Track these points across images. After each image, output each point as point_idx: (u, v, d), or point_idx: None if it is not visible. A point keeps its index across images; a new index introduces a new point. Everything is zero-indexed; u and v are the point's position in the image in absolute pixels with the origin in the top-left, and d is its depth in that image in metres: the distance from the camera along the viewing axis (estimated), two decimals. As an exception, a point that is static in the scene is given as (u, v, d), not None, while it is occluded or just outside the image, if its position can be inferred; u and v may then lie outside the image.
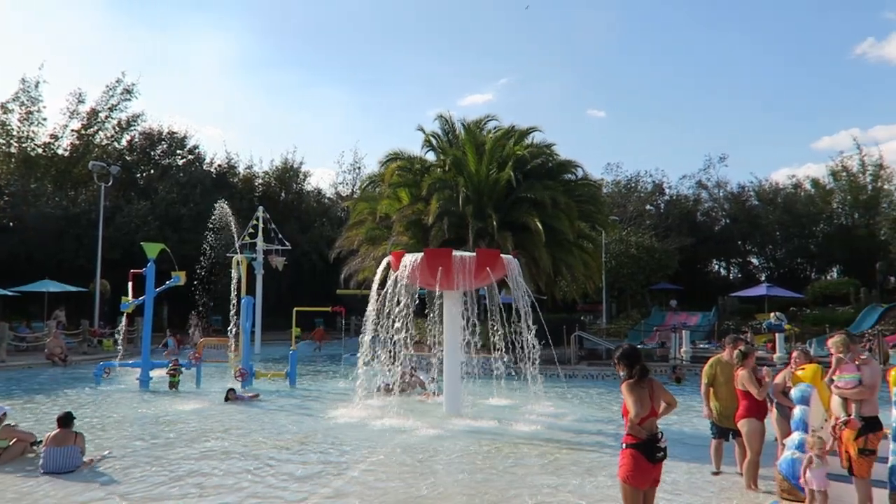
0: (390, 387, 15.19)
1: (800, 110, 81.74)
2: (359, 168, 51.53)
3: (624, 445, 5.37)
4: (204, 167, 44.32)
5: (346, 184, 52.12)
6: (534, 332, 13.16)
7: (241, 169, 46.97)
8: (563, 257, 24.57)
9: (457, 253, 13.12)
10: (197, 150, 44.69)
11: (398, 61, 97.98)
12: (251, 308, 17.94)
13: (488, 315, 14.93)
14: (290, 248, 33.01)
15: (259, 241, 30.38)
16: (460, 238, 22.88)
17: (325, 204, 50.32)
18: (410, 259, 12.85)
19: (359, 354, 13.82)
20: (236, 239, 23.00)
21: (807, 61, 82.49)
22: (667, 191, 53.22)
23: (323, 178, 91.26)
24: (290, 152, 51.01)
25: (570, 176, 27.11)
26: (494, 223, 22.77)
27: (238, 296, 18.72)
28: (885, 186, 46.82)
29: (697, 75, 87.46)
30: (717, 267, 56.23)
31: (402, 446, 10.23)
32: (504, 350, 14.89)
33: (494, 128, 27.18)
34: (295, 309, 22.11)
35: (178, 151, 43.83)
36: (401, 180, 25.59)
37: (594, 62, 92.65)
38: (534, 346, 13.14)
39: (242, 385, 16.73)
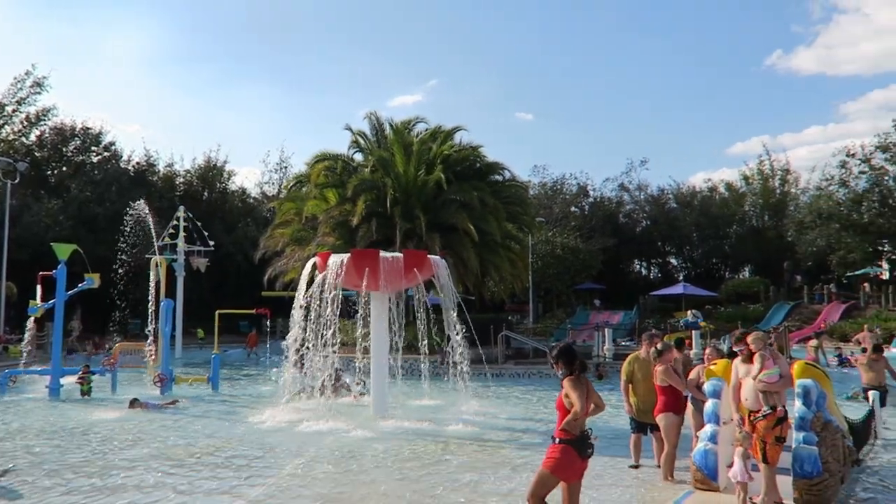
0: (316, 389, 14.97)
1: (715, 117, 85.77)
2: (285, 168, 50.66)
3: (556, 440, 5.43)
4: (121, 165, 42.53)
5: (273, 183, 51.11)
6: (461, 332, 13.25)
7: (161, 167, 45.34)
8: (490, 258, 24.85)
9: (384, 254, 13.07)
10: (113, 147, 42.86)
11: (327, 60, 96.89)
12: (171, 311, 17.32)
13: (416, 316, 14.93)
14: (213, 248, 32.07)
15: (180, 241, 29.36)
16: (388, 239, 22.80)
17: (250, 204, 49.15)
18: (337, 260, 12.70)
19: (284, 357, 13.56)
20: (155, 240, 22.14)
21: (722, 71, 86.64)
22: (591, 193, 54.79)
23: (248, 177, 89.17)
24: (213, 150, 49.57)
25: (497, 177, 27.47)
26: (423, 224, 22.81)
27: (157, 299, 18.03)
28: (792, 191, 49.72)
29: (621, 81, 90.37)
30: (638, 267, 58.23)
31: (329, 449, 10.09)
32: (432, 350, 14.93)
33: (424, 129, 27.26)
34: (217, 312, 21.46)
35: (93, 148, 41.87)
36: (328, 181, 25.32)
37: (523, 65, 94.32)
38: (461, 347, 13.23)
39: (162, 391, 16.13)
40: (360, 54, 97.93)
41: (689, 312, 30.31)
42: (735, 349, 7.45)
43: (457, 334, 13.20)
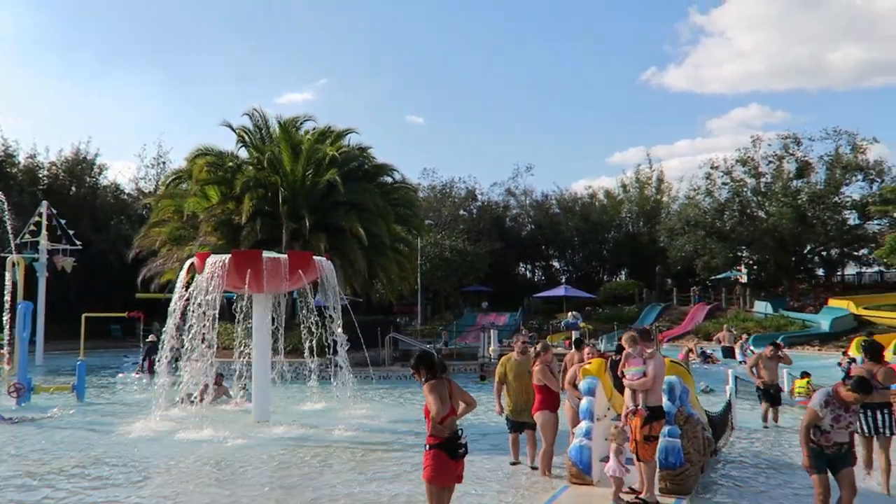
0: (194, 396, 14.30)
1: (596, 128, 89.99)
2: (163, 163, 47.99)
3: (427, 447, 5.45)
4: (-26, 154, 38.81)
5: (149, 179, 48.29)
6: (346, 334, 13.10)
7: (21, 158, 41.69)
8: (378, 260, 24.76)
9: (267, 254, 12.70)
10: (-36, 135, 39.02)
11: (211, 54, 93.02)
12: (29, 315, 15.97)
13: (301, 318, 14.63)
14: (80, 247, 29.88)
15: (42, 239, 27.15)
16: (274, 239, 22.21)
17: (124, 200, 46.22)
18: (216, 260, 12.20)
19: (159, 362, 12.87)
20: (12, 237, 20.35)
21: (602, 84, 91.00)
22: (479, 197, 55.76)
23: (122, 172, 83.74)
24: (83, 142, 45.97)
25: (387, 179, 27.42)
26: (308, 224, 22.38)
27: (13, 301, 16.57)
28: (664, 199, 52.95)
29: (509, 90, 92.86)
30: (523, 269, 59.86)
31: (205, 458, 9.67)
32: (317, 353, 14.68)
33: (312, 128, 26.75)
34: (84, 315, 20.00)
35: (-61, 136, 37.95)
36: (210, 177, 24.27)
37: (414, 69, 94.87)
38: (346, 349, 13.09)
39: (18, 402, 14.83)
40: (247, 47, 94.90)
41: (569, 313, 31.49)
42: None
43: (342, 336, 13.05)
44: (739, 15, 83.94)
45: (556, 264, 58.52)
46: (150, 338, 21.71)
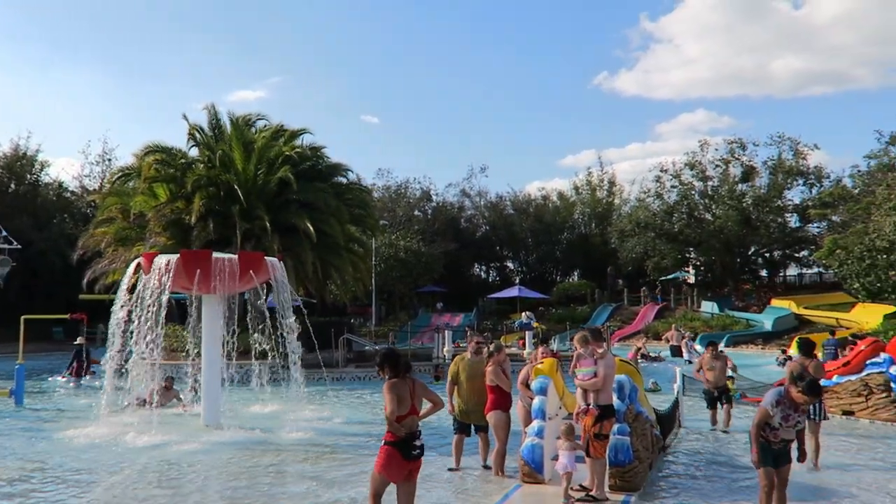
0: (144, 400, 13.94)
1: (549, 130, 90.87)
2: (109, 160, 46.51)
3: (383, 442, 5.56)
4: None
5: (94, 177, 46.75)
6: (298, 335, 12.97)
7: (-47, 154, 39.97)
8: (332, 260, 24.57)
9: (217, 255, 12.46)
10: None
11: (160, 50, 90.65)
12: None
13: (251, 319, 14.42)
14: (20, 247, 28.82)
15: (-22, 238, 26.09)
16: (226, 239, 21.82)
17: (67, 198, 44.71)
18: (163, 261, 11.91)
19: (105, 365, 12.50)
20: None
21: (555, 87, 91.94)
22: (434, 198, 55.75)
23: (66, 169, 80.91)
24: (22, 137, 44.29)
25: (341, 179, 27.21)
26: (266, 224, 22.07)
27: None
28: (615, 201, 53.93)
29: (464, 91, 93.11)
30: (478, 270, 60.12)
31: (152, 463, 9.42)
32: (268, 355, 14.49)
33: (264, 126, 26.34)
34: (23, 317, 19.26)
35: None
36: (159, 175, 23.67)
37: (370, 69, 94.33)
38: (298, 350, 12.95)
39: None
40: (197, 43, 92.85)
41: (523, 314, 31.78)
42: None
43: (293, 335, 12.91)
44: (688, 23, 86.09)
45: (510, 265, 58.94)
46: (78, 340, 21.10)
